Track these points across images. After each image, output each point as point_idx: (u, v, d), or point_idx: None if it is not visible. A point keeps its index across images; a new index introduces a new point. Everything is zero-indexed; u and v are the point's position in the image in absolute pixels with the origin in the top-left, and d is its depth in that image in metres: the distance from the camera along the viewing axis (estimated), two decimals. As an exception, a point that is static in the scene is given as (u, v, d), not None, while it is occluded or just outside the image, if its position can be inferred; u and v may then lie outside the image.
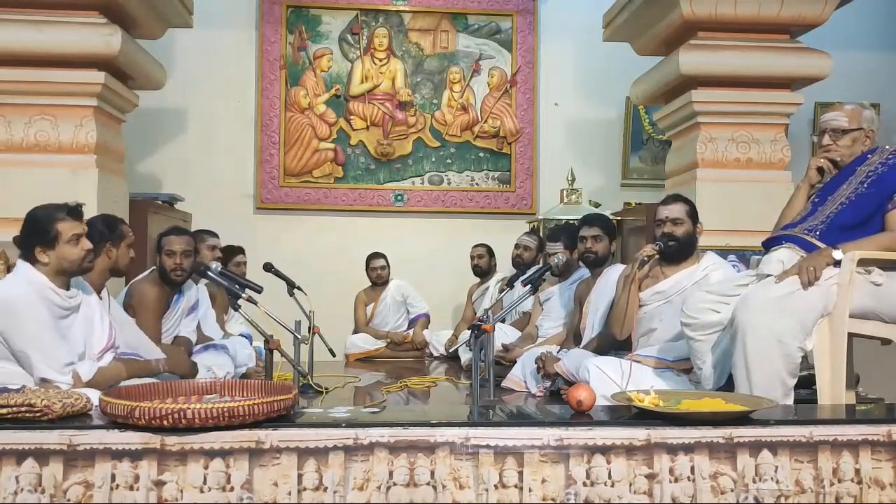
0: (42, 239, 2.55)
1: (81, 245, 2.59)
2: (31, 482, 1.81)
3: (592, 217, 4.04)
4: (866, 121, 2.80)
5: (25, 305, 2.46)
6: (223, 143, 6.16)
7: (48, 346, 2.48)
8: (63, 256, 2.56)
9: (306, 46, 6.22)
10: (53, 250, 2.55)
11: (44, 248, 2.55)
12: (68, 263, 2.58)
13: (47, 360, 2.47)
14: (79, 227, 2.61)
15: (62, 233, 2.55)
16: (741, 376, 2.48)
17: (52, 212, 2.59)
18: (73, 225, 2.59)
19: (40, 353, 2.46)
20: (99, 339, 2.72)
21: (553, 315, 4.25)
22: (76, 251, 2.58)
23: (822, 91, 5.32)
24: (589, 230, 3.80)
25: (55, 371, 2.47)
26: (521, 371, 3.80)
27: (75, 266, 2.60)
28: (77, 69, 4.20)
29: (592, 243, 3.76)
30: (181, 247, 3.53)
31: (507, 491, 1.89)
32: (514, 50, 6.40)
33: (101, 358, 2.70)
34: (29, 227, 2.59)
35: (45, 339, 2.48)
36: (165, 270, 3.54)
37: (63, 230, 2.56)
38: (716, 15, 4.49)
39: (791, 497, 1.93)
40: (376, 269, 5.72)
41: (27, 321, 2.46)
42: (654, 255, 3.10)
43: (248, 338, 4.40)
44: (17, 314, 2.45)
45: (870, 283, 2.51)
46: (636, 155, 6.50)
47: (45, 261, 2.56)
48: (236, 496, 1.83)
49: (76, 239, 2.58)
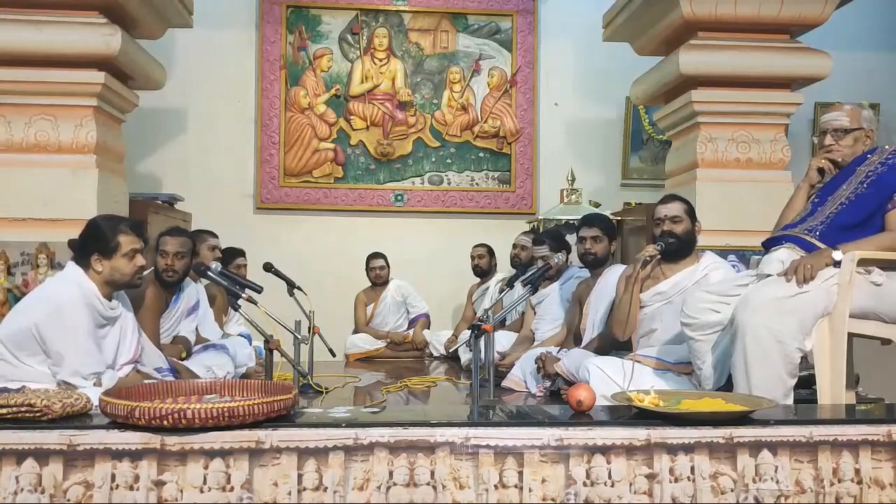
0: (102, 247, 2.62)
1: (136, 261, 2.68)
2: (31, 482, 1.81)
3: (592, 217, 4.04)
4: (866, 120, 2.81)
5: (73, 307, 2.53)
6: (223, 143, 6.17)
7: (83, 351, 2.54)
8: (117, 268, 2.64)
9: (306, 46, 6.22)
10: (109, 261, 2.62)
11: (101, 257, 2.62)
12: (120, 276, 2.65)
13: (78, 365, 2.52)
14: (138, 242, 2.69)
15: (122, 245, 2.64)
16: (741, 376, 2.48)
17: (115, 223, 2.69)
18: (132, 239, 2.67)
19: (74, 356, 2.51)
20: (126, 352, 2.79)
21: (548, 317, 4.24)
22: (130, 265, 2.66)
23: (822, 91, 5.32)
24: (589, 230, 3.80)
25: (81, 377, 2.52)
26: (521, 371, 3.80)
27: (126, 279, 2.68)
28: (77, 69, 4.20)
29: (592, 244, 3.76)
30: (174, 248, 3.52)
31: (507, 491, 1.89)
32: (514, 50, 6.40)
33: (121, 369, 2.76)
34: (90, 233, 2.67)
35: (82, 345, 2.54)
36: (158, 271, 3.54)
37: (123, 243, 2.64)
38: (716, 15, 4.49)
39: (791, 497, 1.92)
40: (375, 269, 5.72)
41: (70, 323, 2.52)
42: (656, 256, 3.09)
43: (247, 338, 4.40)
44: (63, 314, 2.51)
45: (870, 283, 2.51)
46: (636, 155, 6.50)
47: (98, 269, 2.63)
48: (236, 496, 1.83)
49: (133, 254, 2.66)
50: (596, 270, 3.81)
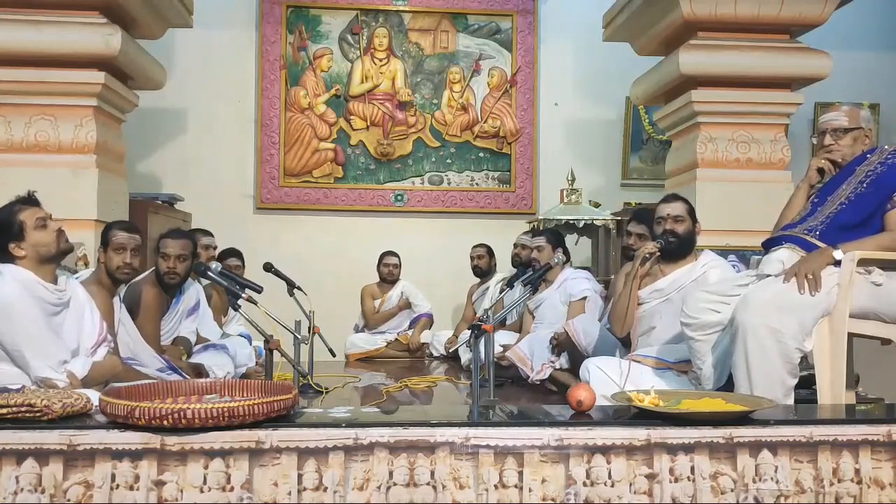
0: (10, 233, 2.54)
1: (50, 227, 2.58)
2: (31, 482, 1.80)
3: (641, 214, 3.75)
4: (864, 120, 2.81)
5: (18, 304, 2.45)
6: (223, 143, 6.17)
7: (42, 344, 2.47)
8: (37, 243, 2.55)
9: (306, 46, 6.23)
10: (25, 241, 2.54)
11: (16, 243, 2.54)
12: (45, 248, 2.56)
13: (42, 359, 2.46)
14: (40, 211, 2.60)
15: (26, 222, 2.55)
16: (741, 376, 2.48)
17: (9, 206, 2.60)
18: (33, 211, 2.58)
19: (34, 351, 2.45)
20: (90, 333, 2.69)
21: (546, 322, 4.23)
22: (47, 235, 2.56)
23: (822, 91, 5.32)
24: (637, 227, 3.64)
25: (51, 369, 2.46)
26: (528, 348, 3.81)
27: (53, 249, 2.58)
28: (77, 69, 4.21)
29: (636, 240, 3.60)
30: (176, 250, 3.51)
31: (507, 491, 1.88)
32: (514, 50, 6.40)
33: (94, 353, 2.67)
34: None
35: (39, 338, 2.47)
36: (160, 273, 3.54)
37: (26, 217, 2.55)
38: (716, 15, 4.49)
39: (791, 497, 1.92)
40: (389, 265, 5.71)
41: (21, 320, 2.44)
42: (656, 253, 3.11)
43: (247, 338, 4.40)
44: (11, 313, 2.43)
45: (870, 283, 2.51)
46: (636, 155, 6.50)
47: (21, 253, 2.54)
48: (236, 496, 1.83)
49: (42, 222, 2.57)
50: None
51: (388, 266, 5.71)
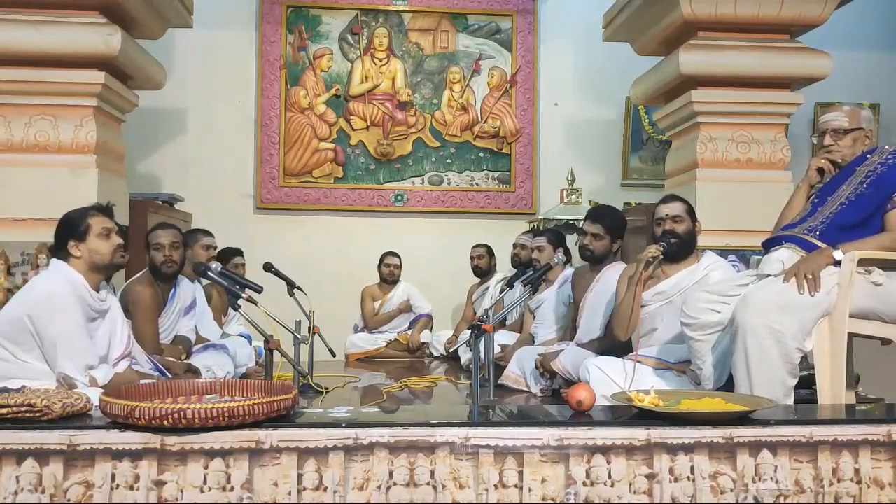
0: (74, 233, 2.67)
1: (112, 240, 2.72)
2: (32, 482, 1.81)
3: (598, 212, 3.84)
4: (864, 120, 2.81)
5: (66, 300, 2.57)
6: (223, 143, 6.17)
7: (75, 343, 2.56)
8: (94, 250, 2.67)
9: (306, 46, 6.23)
10: (85, 244, 2.66)
11: (76, 242, 2.67)
12: (99, 257, 2.68)
13: (71, 357, 2.54)
14: (108, 222, 2.74)
15: (93, 226, 2.68)
16: (741, 376, 2.48)
17: (83, 209, 2.75)
18: (102, 220, 2.73)
19: (66, 347, 2.54)
20: (118, 345, 2.81)
21: (546, 322, 4.23)
22: (107, 245, 2.70)
23: (822, 91, 5.32)
24: (591, 226, 3.71)
25: (76, 369, 2.55)
26: (519, 367, 3.79)
27: (107, 259, 2.70)
28: (77, 69, 4.21)
29: (591, 240, 3.71)
30: (168, 239, 3.57)
31: (507, 491, 1.89)
32: (514, 50, 6.40)
33: (116, 364, 2.77)
34: (62, 224, 2.72)
35: (73, 337, 2.57)
36: (156, 266, 3.55)
37: (94, 223, 2.69)
38: (716, 15, 4.49)
39: (790, 497, 1.92)
40: (391, 266, 5.71)
41: (63, 314, 2.55)
42: (659, 256, 3.08)
43: (247, 338, 4.40)
44: (57, 306, 2.54)
45: (870, 283, 2.51)
46: (636, 155, 6.50)
47: (77, 254, 2.67)
48: (236, 496, 1.83)
49: (106, 233, 2.71)
50: (594, 267, 3.77)
51: (390, 266, 5.71)
